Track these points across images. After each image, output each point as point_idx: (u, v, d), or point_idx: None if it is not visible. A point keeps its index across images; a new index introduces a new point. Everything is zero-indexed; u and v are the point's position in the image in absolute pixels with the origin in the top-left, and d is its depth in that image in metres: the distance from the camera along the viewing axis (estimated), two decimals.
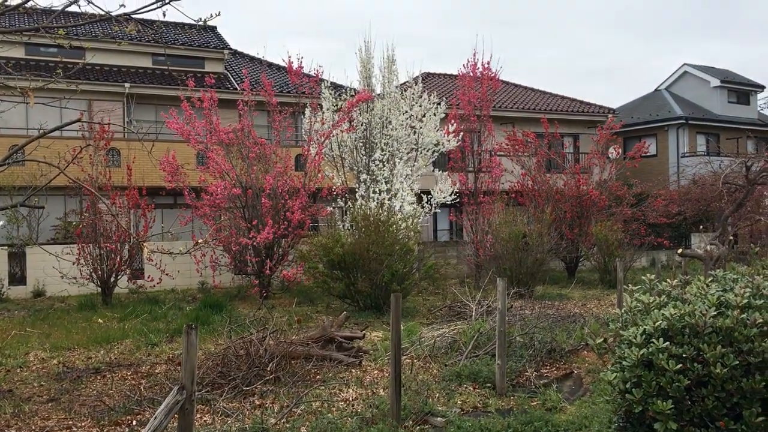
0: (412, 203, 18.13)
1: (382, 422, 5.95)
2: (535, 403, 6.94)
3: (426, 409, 6.33)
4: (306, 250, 15.31)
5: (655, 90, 35.25)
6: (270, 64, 25.25)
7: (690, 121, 30.81)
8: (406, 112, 18.53)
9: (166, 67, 22.74)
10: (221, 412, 6.53)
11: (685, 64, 34.31)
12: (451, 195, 19.11)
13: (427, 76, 29.55)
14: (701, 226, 14.82)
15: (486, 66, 20.70)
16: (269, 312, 11.49)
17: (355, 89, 18.99)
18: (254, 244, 15.56)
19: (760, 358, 3.82)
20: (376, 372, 8.34)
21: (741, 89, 33.70)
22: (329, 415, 6.40)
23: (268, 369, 7.51)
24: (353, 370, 8.30)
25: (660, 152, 31.26)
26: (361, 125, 18.35)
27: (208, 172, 16.46)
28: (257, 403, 6.90)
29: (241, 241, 15.72)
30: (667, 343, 4.07)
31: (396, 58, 19.64)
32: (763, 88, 34.62)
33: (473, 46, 31.29)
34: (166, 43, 22.69)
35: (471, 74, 20.85)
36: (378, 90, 18.94)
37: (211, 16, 5.49)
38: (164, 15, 5.32)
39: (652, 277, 5.38)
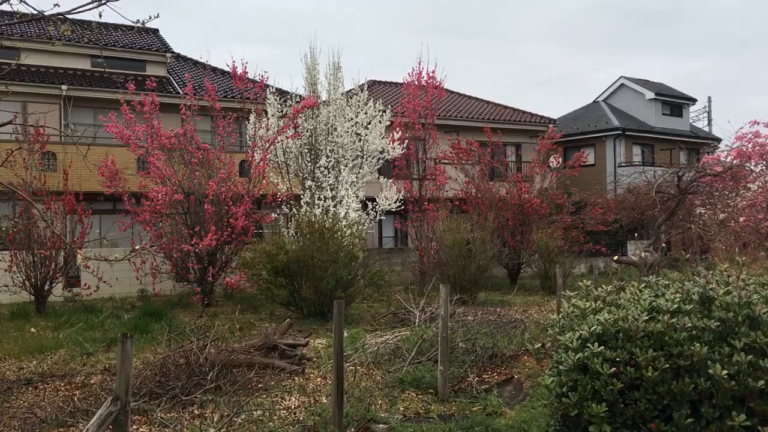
0: (357, 210, 18.13)
1: (324, 430, 5.92)
2: (476, 408, 7.01)
3: (368, 416, 6.32)
4: (250, 257, 15.12)
5: (594, 101, 36.23)
6: (214, 69, 24.92)
7: (626, 132, 31.76)
8: (352, 119, 18.54)
9: (105, 70, 22.20)
10: (159, 423, 6.38)
11: (621, 77, 35.37)
12: (396, 202, 19.19)
13: (372, 84, 29.66)
14: (636, 234, 15.28)
15: (431, 75, 20.93)
16: (211, 320, 11.30)
17: (300, 95, 18.92)
18: (196, 250, 15.30)
19: (689, 361, 3.95)
20: (319, 379, 8.30)
21: (674, 102, 34.93)
22: (270, 423, 6.33)
23: (209, 378, 7.38)
24: (296, 378, 8.24)
25: (598, 162, 32.11)
26: (307, 132, 18.28)
27: (149, 178, 16.11)
28: (196, 413, 6.77)
29: (183, 248, 15.43)
30: (602, 347, 4.18)
31: (342, 65, 19.66)
32: (695, 101, 35.97)
33: (418, 54, 31.58)
34: (106, 45, 22.15)
35: (416, 83, 21.04)
36: (323, 97, 18.90)
37: (150, 18, 5.38)
38: (100, 16, 5.18)
39: (589, 283, 5.53)
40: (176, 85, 23.46)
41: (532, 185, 22.43)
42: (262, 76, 18.45)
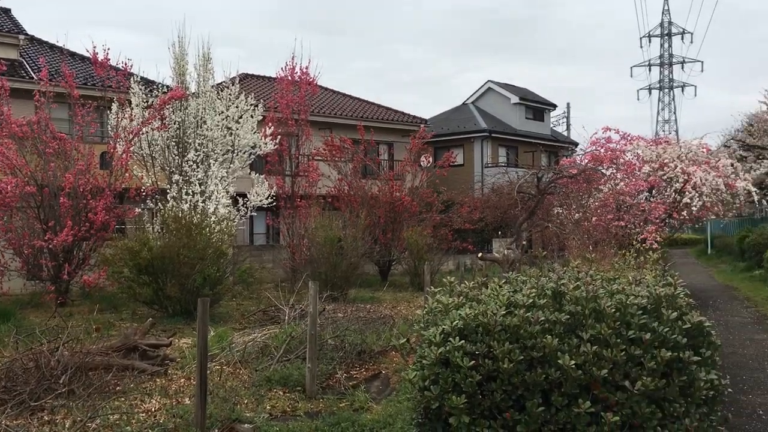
0: (227, 206, 17.69)
1: None
2: (343, 404, 7.05)
3: (233, 416, 6.18)
4: (110, 253, 14.35)
5: (463, 104, 37.52)
6: (73, 54, 23.41)
7: (493, 134, 33.14)
8: (222, 112, 18.06)
9: None
10: (3, 431, 5.92)
11: (489, 81, 36.88)
12: (267, 198, 18.92)
13: (245, 78, 29.03)
14: (499, 232, 16.03)
15: (304, 70, 20.81)
16: (65, 320, 10.62)
17: (167, 86, 18.18)
18: (50, 246, 14.34)
19: (542, 352, 4.16)
20: (182, 380, 8.01)
21: (536, 107, 36.87)
22: (128, 428, 6.03)
23: (61, 382, 6.92)
24: (158, 380, 7.91)
25: (467, 162, 33.29)
26: (174, 124, 17.61)
27: None
28: (46, 419, 6.34)
29: (35, 244, 14.41)
30: (463, 341, 4.31)
31: (212, 56, 19.10)
32: (555, 106, 38.15)
33: (292, 50, 31.27)
34: None
35: (289, 78, 20.85)
36: (193, 88, 18.28)
37: None
38: None
39: (453, 279, 5.70)
40: (30, 69, 21.84)
41: (404, 184, 22.88)
42: (125, 64, 17.61)
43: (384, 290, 18.85)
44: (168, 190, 17.26)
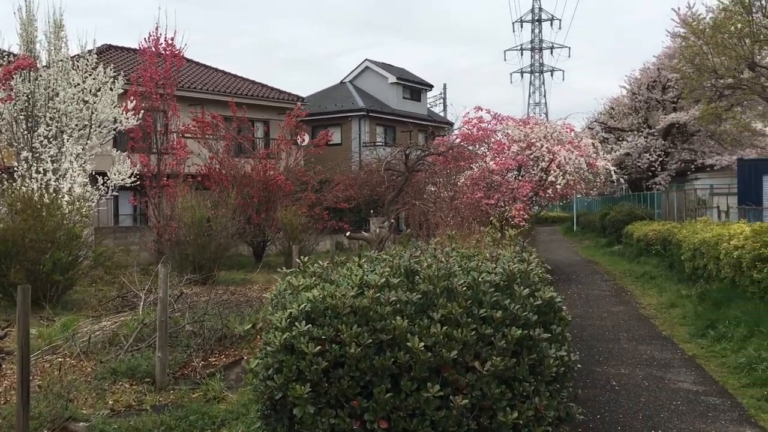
0: (84, 185, 16.48)
1: None
2: (196, 395, 6.60)
3: (66, 415, 5.59)
4: None
5: (341, 82, 37.16)
6: None
7: (370, 114, 33.05)
8: (78, 84, 16.74)
9: None
10: None
11: (366, 59, 36.71)
12: (130, 177, 17.80)
13: (108, 49, 27.31)
14: (372, 211, 15.90)
15: (169, 42, 19.68)
16: None
17: (13, 54, 16.61)
18: None
19: (391, 335, 3.93)
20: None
21: (414, 87, 37.13)
22: None
23: None
24: None
25: (344, 141, 33.05)
26: (23, 96, 16.13)
27: None
28: None
29: None
30: (309, 325, 4.01)
31: (65, 23, 17.57)
32: (431, 87, 38.58)
33: (156, 19, 29.51)
34: None
35: (153, 49, 19.66)
36: (44, 58, 16.82)
37: None
38: None
39: (306, 259, 5.39)
40: None
41: (279, 162, 22.30)
42: None
43: (257, 272, 18.29)
44: (16, 168, 15.84)
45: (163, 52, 19.65)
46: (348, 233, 14.63)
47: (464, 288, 4.11)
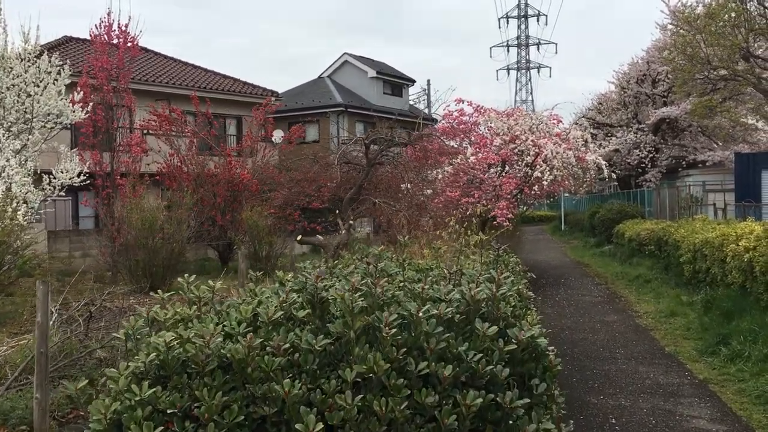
0: (25, 184, 14.91)
1: None
2: None
3: None
4: None
5: (319, 77, 35.66)
6: None
7: (349, 109, 31.58)
8: (20, 75, 15.18)
9: None
10: None
11: (345, 53, 35.21)
12: (79, 176, 16.23)
13: (68, 41, 25.78)
14: (337, 211, 14.55)
15: (123, 29, 18.11)
16: None
17: None
18: None
19: (277, 407, 2.49)
20: None
21: (395, 82, 35.67)
22: None
23: None
24: None
25: (322, 137, 31.56)
26: None
27: None
28: None
29: None
30: (156, 389, 2.56)
31: (2, 6, 15.95)
32: (413, 82, 37.13)
33: (108, 3, 27.71)
34: None
35: (106, 37, 18.10)
36: None
37: None
38: None
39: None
40: None
41: (246, 160, 20.80)
42: None
43: (222, 277, 16.77)
44: None
45: (117, 42, 18.07)
46: (299, 237, 13.15)
47: (394, 329, 2.67)
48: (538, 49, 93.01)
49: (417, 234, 7.52)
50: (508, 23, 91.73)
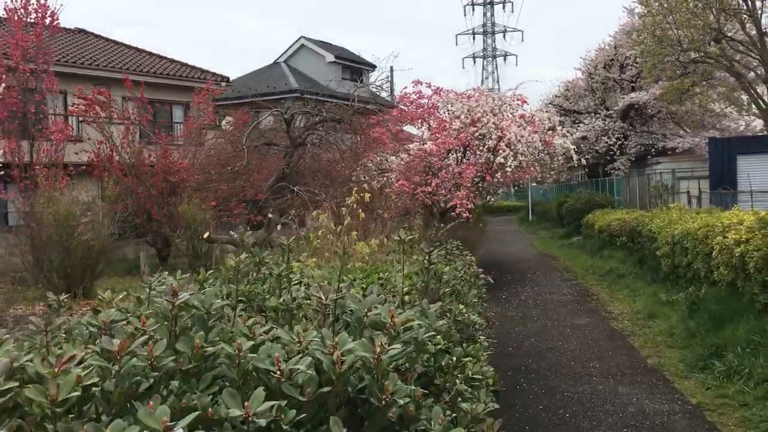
0: None
1: None
2: None
3: None
4: None
5: (275, 62, 33.95)
6: None
7: (305, 95, 29.86)
8: None
9: None
10: None
11: (302, 37, 33.54)
12: None
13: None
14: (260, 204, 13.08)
15: (42, 3, 16.25)
16: None
17: None
18: None
19: None
20: None
21: (354, 66, 34.11)
22: None
23: None
24: None
25: (277, 125, 29.84)
26: None
27: None
28: None
29: None
30: None
31: None
32: (374, 67, 35.51)
33: None
34: None
35: (23, 12, 16.24)
36: None
37: None
38: None
39: None
40: None
41: (189, 149, 19.10)
42: None
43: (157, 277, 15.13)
44: None
45: (35, 15, 16.21)
46: (207, 234, 11.58)
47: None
48: (504, 37, 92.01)
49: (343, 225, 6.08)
50: (474, 10, 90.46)
